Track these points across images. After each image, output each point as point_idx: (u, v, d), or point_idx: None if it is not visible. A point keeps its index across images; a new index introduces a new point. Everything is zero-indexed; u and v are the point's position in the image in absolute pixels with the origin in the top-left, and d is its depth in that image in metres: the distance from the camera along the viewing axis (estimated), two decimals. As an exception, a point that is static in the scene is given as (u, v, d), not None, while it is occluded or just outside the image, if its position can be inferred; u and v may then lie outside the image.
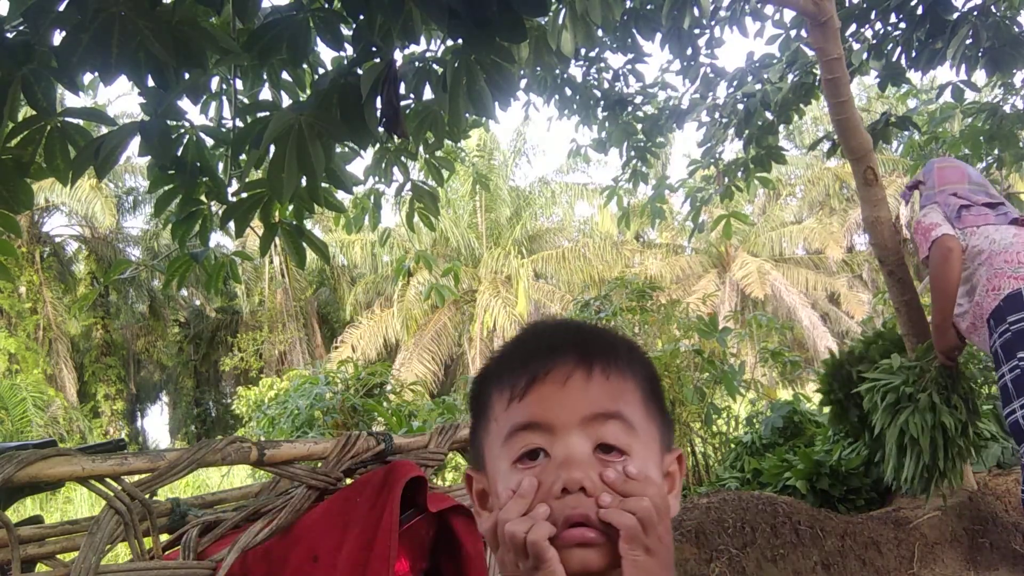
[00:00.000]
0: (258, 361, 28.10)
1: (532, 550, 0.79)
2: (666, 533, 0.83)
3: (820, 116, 25.92)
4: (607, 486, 0.82)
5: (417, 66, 2.81)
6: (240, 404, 15.63)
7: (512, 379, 0.91)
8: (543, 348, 0.92)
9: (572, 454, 0.84)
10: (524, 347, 0.95)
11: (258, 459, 1.71)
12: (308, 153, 2.32)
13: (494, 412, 0.93)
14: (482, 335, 24.36)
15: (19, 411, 18.79)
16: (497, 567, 0.85)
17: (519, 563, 0.81)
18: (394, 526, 1.71)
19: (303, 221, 3.29)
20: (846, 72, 4.21)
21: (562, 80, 6.40)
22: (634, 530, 0.80)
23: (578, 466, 0.83)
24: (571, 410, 0.87)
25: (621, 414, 0.88)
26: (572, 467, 0.83)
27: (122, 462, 1.52)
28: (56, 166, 2.60)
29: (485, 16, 2.28)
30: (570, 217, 30.06)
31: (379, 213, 5.51)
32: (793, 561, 3.43)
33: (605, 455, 0.86)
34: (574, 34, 3.64)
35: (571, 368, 0.89)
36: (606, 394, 0.89)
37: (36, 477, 1.44)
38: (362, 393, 8.07)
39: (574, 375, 0.89)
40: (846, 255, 28.75)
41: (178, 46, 2.18)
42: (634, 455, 0.87)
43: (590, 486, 0.82)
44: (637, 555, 0.80)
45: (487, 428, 0.94)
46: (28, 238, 24.83)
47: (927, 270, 3.58)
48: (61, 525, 1.67)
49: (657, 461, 0.91)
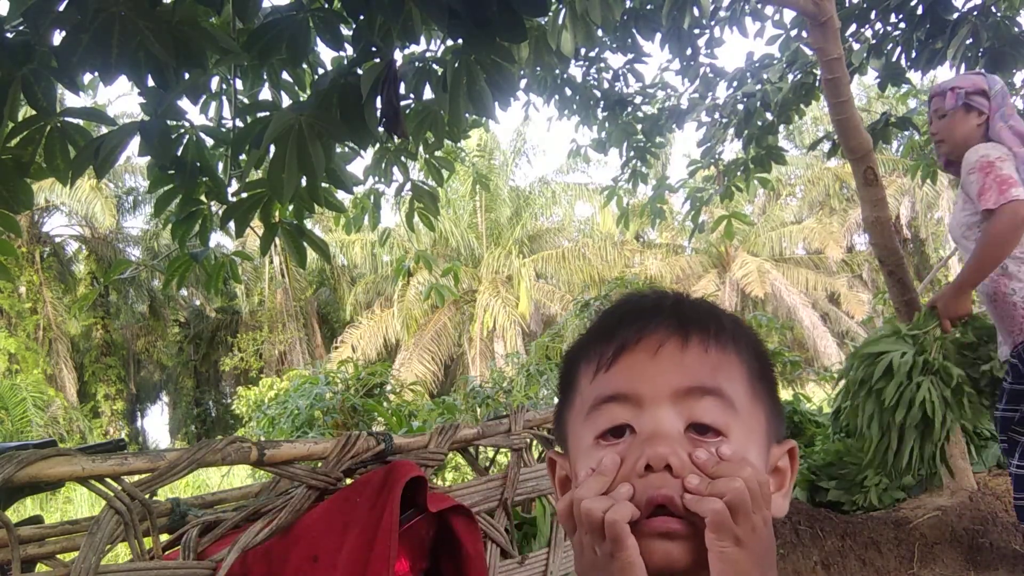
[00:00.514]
0: (258, 361, 28.11)
1: (610, 532, 0.70)
2: (763, 525, 0.72)
3: (820, 116, 25.92)
4: (697, 468, 0.73)
5: (417, 66, 2.81)
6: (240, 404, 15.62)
7: (600, 349, 0.83)
8: (635, 316, 0.83)
9: (660, 428, 0.76)
10: (615, 316, 0.86)
11: (258, 459, 1.71)
12: (308, 153, 2.32)
13: (579, 386, 0.85)
14: (482, 335, 24.37)
15: (19, 411, 18.79)
16: (572, 553, 0.75)
17: (596, 547, 0.72)
18: (394, 526, 1.71)
19: (303, 221, 3.29)
20: (846, 72, 4.21)
21: (562, 80, 6.40)
22: (722, 515, 0.69)
23: (665, 441, 0.74)
24: (662, 381, 0.78)
25: (720, 390, 0.78)
26: (658, 442, 0.74)
27: (122, 462, 1.52)
28: (56, 166, 2.61)
29: (485, 16, 2.28)
30: (570, 217, 30.07)
31: (379, 213, 5.51)
32: (793, 561, 3.43)
33: (699, 436, 0.77)
34: (574, 34, 3.64)
35: (664, 336, 0.80)
36: (704, 366, 0.79)
37: (36, 477, 1.44)
38: (362, 393, 8.07)
39: (667, 343, 0.80)
40: (846, 255, 28.77)
41: (178, 46, 2.18)
42: (732, 438, 0.77)
43: (677, 464, 0.73)
44: (725, 546, 0.70)
45: (572, 405, 0.86)
46: (28, 238, 24.83)
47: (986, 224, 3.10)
48: (61, 525, 1.67)
49: (761, 450, 0.81)
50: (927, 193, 26.07)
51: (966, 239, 3.25)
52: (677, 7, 5.12)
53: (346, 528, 1.74)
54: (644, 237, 29.43)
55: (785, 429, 0.89)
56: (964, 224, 3.25)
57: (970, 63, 5.16)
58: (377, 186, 5.04)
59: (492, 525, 2.15)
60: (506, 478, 2.23)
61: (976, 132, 3.24)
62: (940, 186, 23.06)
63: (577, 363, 0.86)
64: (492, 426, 2.27)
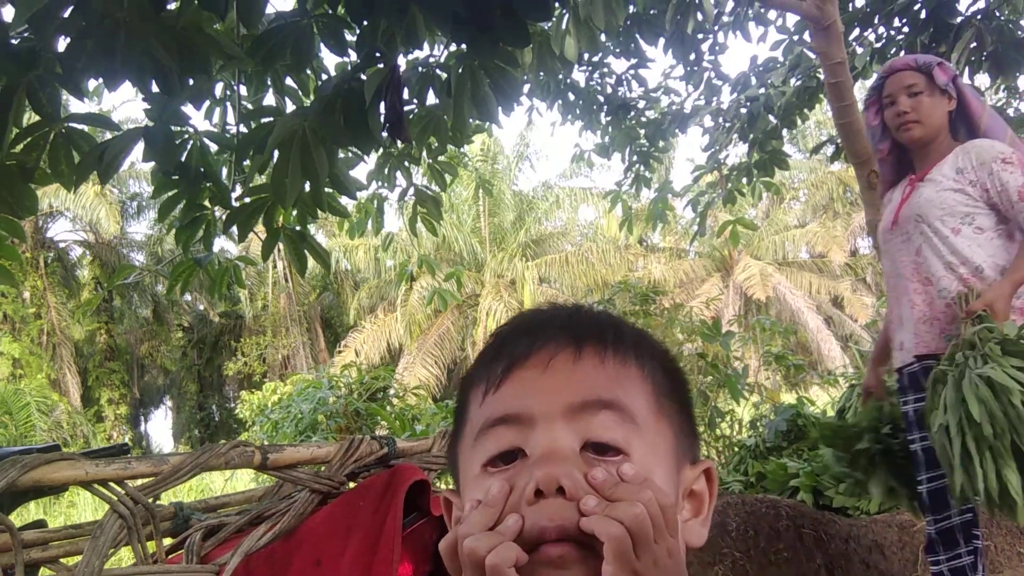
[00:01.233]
0: (261, 365, 28.14)
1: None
2: (668, 557, 0.63)
3: (823, 120, 25.90)
4: (594, 490, 0.64)
5: (421, 71, 2.82)
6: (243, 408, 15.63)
7: (489, 370, 0.74)
8: (526, 331, 0.76)
9: (552, 448, 0.67)
10: (506, 333, 0.78)
11: (261, 463, 1.71)
12: (312, 158, 2.33)
13: (469, 413, 0.76)
14: (485, 339, 24.33)
15: (23, 416, 18.82)
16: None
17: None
18: (397, 530, 1.71)
19: (307, 226, 3.30)
20: (849, 76, 4.22)
21: (565, 85, 6.41)
22: (621, 544, 0.60)
23: (557, 462, 0.65)
24: (554, 397, 0.69)
25: (617, 403, 0.70)
26: (549, 463, 0.65)
27: (126, 466, 1.53)
28: (60, 171, 2.61)
29: (489, 21, 2.29)
30: (573, 221, 30.08)
31: (382, 218, 5.52)
32: (797, 565, 3.43)
33: (598, 455, 0.68)
34: (577, 39, 3.64)
35: (556, 348, 0.72)
36: (599, 378, 0.71)
37: (40, 481, 1.44)
38: (365, 397, 8.07)
39: (559, 356, 0.72)
40: (849, 259, 28.72)
41: (182, 52, 2.18)
42: (634, 456, 0.68)
43: (570, 486, 0.63)
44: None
45: (462, 435, 0.77)
46: (32, 243, 24.90)
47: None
48: (65, 529, 1.68)
49: (669, 470, 0.72)
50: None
51: (963, 224, 2.82)
52: (680, 12, 5.13)
53: (349, 532, 1.74)
54: (647, 241, 29.42)
55: (699, 451, 0.80)
56: (958, 213, 2.84)
57: (974, 67, 5.15)
58: (381, 191, 5.05)
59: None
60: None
61: (945, 120, 2.94)
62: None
63: (468, 388, 0.78)
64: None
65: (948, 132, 2.96)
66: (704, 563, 3.26)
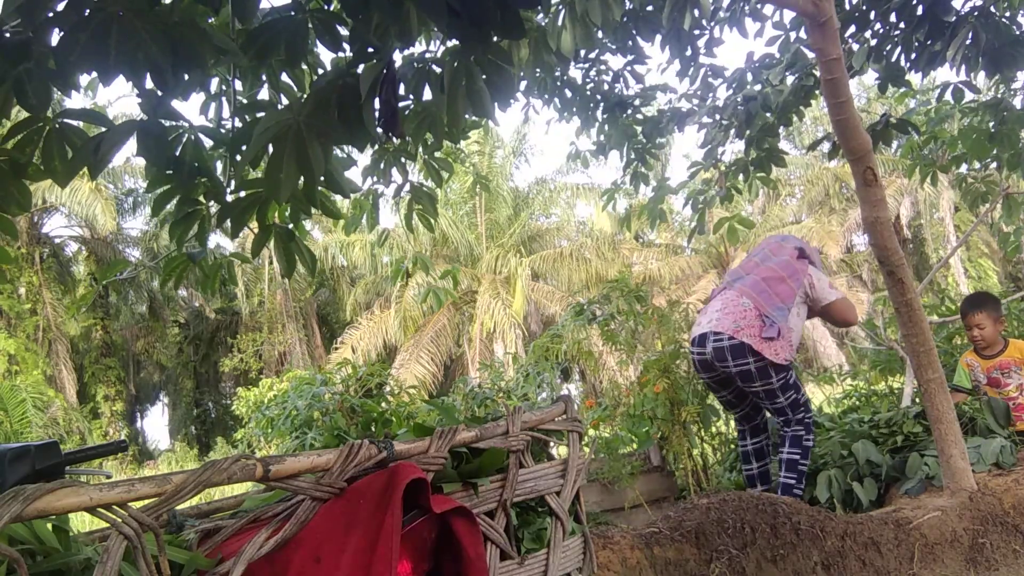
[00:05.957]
0: (258, 362, 28.12)
1: None
2: None
3: (820, 116, 25.95)
4: None
5: (416, 67, 2.80)
6: (240, 405, 15.62)
7: None
8: None
9: None
10: None
11: (263, 475, 1.71)
12: (307, 154, 2.31)
13: None
14: (481, 336, 24.35)
15: (19, 412, 18.78)
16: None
17: None
18: (396, 528, 1.70)
19: (300, 223, 3.28)
20: (845, 73, 4.20)
21: (562, 82, 6.40)
22: None
23: None
24: None
25: None
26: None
27: (129, 489, 1.53)
28: (53, 168, 2.59)
29: (483, 14, 2.28)
30: (569, 217, 30.07)
31: (377, 214, 5.50)
32: (793, 561, 3.43)
33: None
34: (574, 35, 3.63)
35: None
36: None
37: (44, 511, 1.44)
38: (360, 394, 8.05)
39: None
40: (845, 255, 28.76)
41: (176, 47, 2.17)
42: None
43: None
44: None
45: None
46: (28, 239, 24.84)
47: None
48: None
49: None
50: (929, 193, 26.07)
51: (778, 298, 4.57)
52: (677, 8, 5.11)
53: (349, 529, 1.74)
54: (643, 237, 29.43)
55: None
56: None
57: (970, 64, 5.15)
58: (376, 187, 5.03)
59: (491, 526, 2.15)
60: (505, 479, 2.23)
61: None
62: (941, 186, 23.05)
63: None
64: (490, 428, 2.27)
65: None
66: (701, 560, 3.26)
